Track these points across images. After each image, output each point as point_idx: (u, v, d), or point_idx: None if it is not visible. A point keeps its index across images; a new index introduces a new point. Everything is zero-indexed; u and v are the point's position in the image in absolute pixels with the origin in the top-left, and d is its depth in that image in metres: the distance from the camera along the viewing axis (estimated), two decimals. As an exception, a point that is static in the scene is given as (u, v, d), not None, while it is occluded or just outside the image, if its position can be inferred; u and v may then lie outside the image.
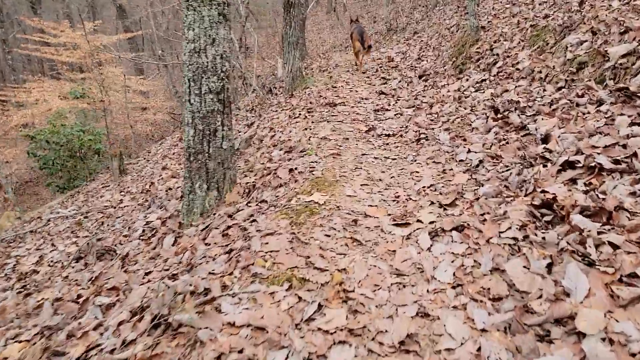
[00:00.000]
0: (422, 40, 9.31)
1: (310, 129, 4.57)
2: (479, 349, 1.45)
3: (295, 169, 3.03)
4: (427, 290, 1.77)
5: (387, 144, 3.71)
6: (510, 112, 3.50)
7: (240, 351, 1.49)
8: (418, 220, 2.30)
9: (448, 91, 5.24)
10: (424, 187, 2.68)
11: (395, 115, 4.97)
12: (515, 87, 4.07)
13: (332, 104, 5.71)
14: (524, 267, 1.75)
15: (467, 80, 5.28)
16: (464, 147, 3.15)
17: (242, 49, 12.88)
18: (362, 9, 23.45)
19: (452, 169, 2.90)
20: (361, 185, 2.80)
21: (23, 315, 2.43)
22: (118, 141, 16.15)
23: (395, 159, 3.29)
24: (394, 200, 2.58)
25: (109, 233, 4.08)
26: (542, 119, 3.07)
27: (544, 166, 2.42)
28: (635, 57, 3.05)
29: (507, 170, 2.59)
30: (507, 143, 2.94)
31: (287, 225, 2.27)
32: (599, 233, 1.79)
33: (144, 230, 3.44)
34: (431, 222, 2.27)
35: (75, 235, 4.90)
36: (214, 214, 2.79)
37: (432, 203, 2.48)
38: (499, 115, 3.52)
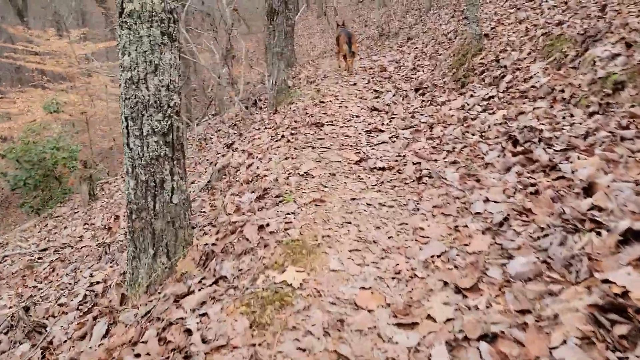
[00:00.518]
0: (416, 48, 8.72)
1: (292, 158, 3.93)
2: None
3: (267, 225, 2.38)
4: None
5: (382, 182, 3.07)
6: (533, 144, 2.88)
7: None
8: (429, 317, 1.66)
9: (450, 109, 4.62)
10: (432, 256, 2.05)
11: (390, 138, 4.34)
12: (533, 109, 3.45)
13: (319, 124, 5.08)
14: None
15: (472, 96, 4.67)
16: (479, 193, 2.52)
17: (229, 57, 12.24)
18: (353, 12, 22.92)
19: (467, 226, 2.27)
20: (350, 251, 2.15)
21: None
22: (100, 154, 15.44)
23: (392, 206, 2.65)
24: (393, 278, 1.94)
25: (52, 290, 3.41)
26: (578, 158, 2.45)
27: (597, 234, 1.79)
28: (690, 78, 2.45)
29: (544, 236, 1.95)
30: (537, 192, 2.30)
31: (246, 330, 1.62)
32: None
33: (85, 296, 2.79)
34: (448, 321, 1.63)
35: (24, 284, 4.23)
36: (160, 293, 2.14)
37: (446, 284, 1.84)
38: (519, 148, 2.90)
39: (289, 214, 2.53)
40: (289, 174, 3.27)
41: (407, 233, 2.31)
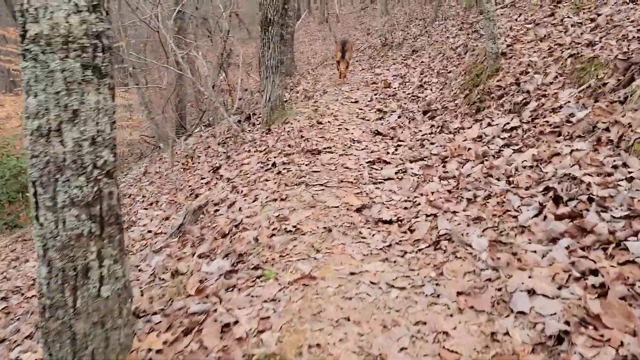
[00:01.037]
0: (422, 62, 8.13)
1: (281, 200, 3.32)
2: None
3: (235, 323, 1.75)
4: None
5: (389, 245, 2.45)
6: (580, 203, 2.27)
7: None
8: None
9: (465, 139, 4.01)
10: (466, 394, 1.42)
11: (396, 173, 3.74)
12: (571, 151, 2.84)
13: (315, 151, 4.47)
14: None
15: (490, 124, 4.06)
16: (520, 278, 1.89)
17: (225, 64, 11.65)
18: (355, 19, 22.47)
19: (508, 334, 1.65)
20: (348, 375, 1.53)
21: None
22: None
23: (404, 288, 2.02)
24: None
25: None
26: (653, 236, 1.83)
27: None
28: None
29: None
30: (603, 287, 1.68)
31: None
32: None
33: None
34: None
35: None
36: None
37: None
38: (563, 209, 2.28)
39: (267, 301, 1.91)
40: (273, 229, 2.65)
41: (426, 340, 1.69)
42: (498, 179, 2.97)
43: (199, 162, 6.82)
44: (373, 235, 2.60)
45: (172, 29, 10.02)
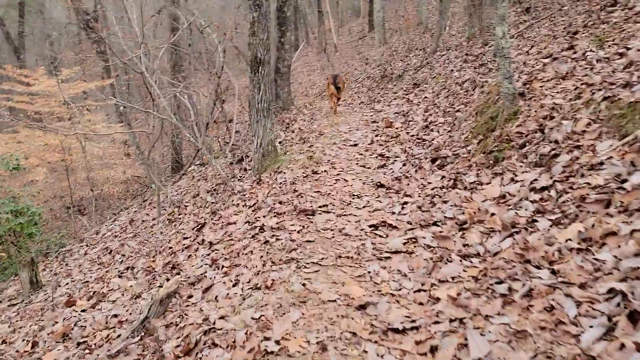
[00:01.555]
0: (426, 97, 7.61)
1: (267, 287, 2.69)
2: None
3: None
4: None
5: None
6: (669, 325, 1.63)
7: None
8: None
9: (485, 200, 3.41)
10: None
11: (404, 244, 3.14)
12: (632, 231, 2.22)
13: (309, 212, 3.87)
14: None
15: (513, 180, 3.46)
16: None
17: (219, 101, 11.19)
18: (353, 49, 22.23)
19: None
20: None
21: None
22: (80, 203, 14.19)
23: None
24: None
25: None
26: None
27: None
28: None
29: None
30: None
31: None
32: None
33: None
34: None
35: None
36: None
37: None
38: (647, 335, 1.64)
39: None
40: (250, 349, 2.01)
41: None
42: (538, 267, 2.33)
43: (185, 214, 6.21)
44: (382, 356, 1.96)
45: (166, 67, 9.60)
